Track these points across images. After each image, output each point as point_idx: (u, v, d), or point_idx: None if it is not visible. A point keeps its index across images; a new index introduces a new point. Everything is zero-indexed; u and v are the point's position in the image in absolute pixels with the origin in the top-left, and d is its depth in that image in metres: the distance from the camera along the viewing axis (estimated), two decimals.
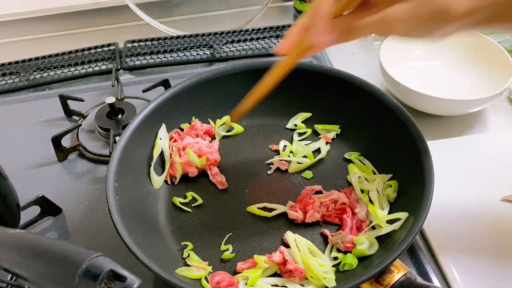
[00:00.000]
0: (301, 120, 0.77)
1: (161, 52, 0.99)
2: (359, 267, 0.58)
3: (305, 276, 0.57)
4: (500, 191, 0.68)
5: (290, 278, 0.57)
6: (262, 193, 0.68)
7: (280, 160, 0.71)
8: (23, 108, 0.88)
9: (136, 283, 0.38)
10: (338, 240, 0.60)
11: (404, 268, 0.54)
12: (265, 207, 0.66)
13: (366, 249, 0.58)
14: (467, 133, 0.79)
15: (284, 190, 0.69)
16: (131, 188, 0.64)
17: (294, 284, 0.57)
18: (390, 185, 0.65)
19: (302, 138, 0.75)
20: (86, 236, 0.67)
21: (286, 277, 0.58)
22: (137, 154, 0.68)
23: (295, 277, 0.57)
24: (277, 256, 0.58)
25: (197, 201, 0.68)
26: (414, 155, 0.62)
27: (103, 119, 0.81)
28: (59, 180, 0.75)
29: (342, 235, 0.60)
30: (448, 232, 0.64)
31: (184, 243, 0.62)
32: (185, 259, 0.60)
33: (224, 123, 0.77)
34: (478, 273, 0.60)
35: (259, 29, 1.02)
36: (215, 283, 0.56)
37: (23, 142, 0.82)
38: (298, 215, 0.64)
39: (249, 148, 0.75)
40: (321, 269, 0.56)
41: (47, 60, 0.98)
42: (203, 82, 0.74)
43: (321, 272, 0.56)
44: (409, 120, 0.65)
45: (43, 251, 0.41)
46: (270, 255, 0.59)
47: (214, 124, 0.76)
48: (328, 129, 0.75)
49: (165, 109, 0.72)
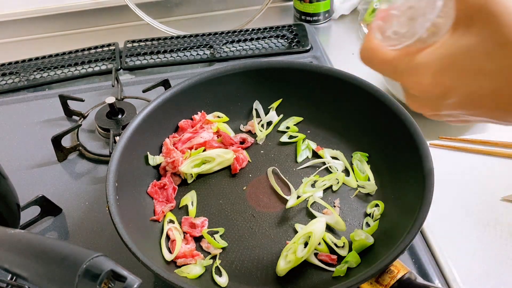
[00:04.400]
0: (294, 123, 0.77)
1: (161, 52, 0.99)
2: (359, 267, 0.58)
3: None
4: (500, 191, 0.68)
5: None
6: (264, 195, 0.69)
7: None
8: (23, 108, 0.88)
9: (136, 283, 0.38)
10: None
11: (404, 268, 0.54)
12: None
13: (365, 239, 0.59)
14: (467, 133, 0.79)
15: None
16: (131, 188, 0.65)
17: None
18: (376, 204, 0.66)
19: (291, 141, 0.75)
20: (86, 236, 0.67)
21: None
22: (137, 154, 0.68)
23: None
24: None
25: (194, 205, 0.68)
26: (414, 155, 0.62)
27: (103, 119, 0.81)
28: (59, 180, 0.75)
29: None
30: (448, 232, 0.64)
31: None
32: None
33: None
34: (478, 273, 0.60)
35: (259, 29, 1.02)
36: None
37: (23, 142, 0.82)
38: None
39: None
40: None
41: (47, 60, 0.98)
42: (203, 82, 0.74)
43: None
44: (409, 120, 0.65)
45: (43, 251, 0.41)
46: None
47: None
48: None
49: (165, 109, 0.72)
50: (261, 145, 0.75)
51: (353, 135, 0.73)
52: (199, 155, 0.71)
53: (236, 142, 0.74)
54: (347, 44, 1.02)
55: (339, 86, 0.73)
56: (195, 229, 0.64)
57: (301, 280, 0.59)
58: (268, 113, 0.78)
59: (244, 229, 0.64)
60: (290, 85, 0.76)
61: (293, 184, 0.69)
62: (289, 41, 0.99)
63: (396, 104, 0.67)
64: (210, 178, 0.71)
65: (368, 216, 0.65)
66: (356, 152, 0.72)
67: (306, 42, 0.97)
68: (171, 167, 0.69)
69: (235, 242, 0.63)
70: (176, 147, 0.71)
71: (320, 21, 1.07)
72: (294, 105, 0.77)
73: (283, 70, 0.76)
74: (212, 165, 0.70)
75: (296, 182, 0.69)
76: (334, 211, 0.65)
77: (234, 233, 0.64)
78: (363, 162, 0.70)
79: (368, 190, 0.67)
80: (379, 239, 0.60)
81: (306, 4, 1.05)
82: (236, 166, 0.71)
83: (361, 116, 0.72)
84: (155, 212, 0.66)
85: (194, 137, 0.72)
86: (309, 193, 0.66)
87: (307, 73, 0.75)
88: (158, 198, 0.67)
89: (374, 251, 0.59)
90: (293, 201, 0.66)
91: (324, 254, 0.60)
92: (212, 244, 0.62)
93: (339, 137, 0.74)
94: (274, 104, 0.78)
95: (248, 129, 0.77)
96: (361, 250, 0.60)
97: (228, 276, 0.59)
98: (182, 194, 0.69)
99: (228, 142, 0.73)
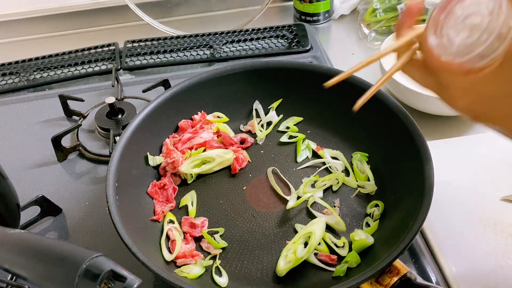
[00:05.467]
0: (294, 123, 0.77)
1: (161, 52, 0.98)
2: (359, 267, 0.58)
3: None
4: (500, 191, 0.68)
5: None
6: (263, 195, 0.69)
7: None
8: (23, 108, 0.88)
9: (136, 283, 0.38)
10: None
11: (404, 268, 0.54)
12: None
13: (365, 239, 0.59)
14: (467, 133, 0.79)
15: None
16: (131, 188, 0.65)
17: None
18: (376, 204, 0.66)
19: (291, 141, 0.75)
20: (86, 236, 0.67)
21: None
22: (137, 154, 0.68)
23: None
24: None
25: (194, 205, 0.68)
26: (414, 155, 0.62)
27: (103, 119, 0.81)
28: (59, 180, 0.75)
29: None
30: (448, 232, 0.64)
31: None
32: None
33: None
34: (478, 273, 0.60)
35: (259, 29, 1.02)
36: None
37: (23, 142, 0.82)
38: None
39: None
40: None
41: (47, 60, 0.98)
42: (203, 82, 0.74)
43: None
44: (409, 120, 0.65)
45: (43, 251, 0.41)
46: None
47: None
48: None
49: (165, 109, 0.72)
50: (261, 145, 0.75)
51: (353, 135, 0.73)
52: (199, 155, 0.71)
53: (236, 142, 0.74)
54: (347, 44, 1.02)
55: (339, 86, 0.73)
56: (195, 229, 0.64)
57: (301, 280, 0.59)
58: (268, 113, 0.78)
59: (244, 229, 0.64)
60: (290, 85, 0.76)
61: (293, 184, 0.69)
62: (289, 41, 0.99)
63: (396, 104, 0.67)
64: (210, 178, 0.71)
65: (368, 216, 0.65)
66: (356, 152, 0.72)
67: (306, 42, 0.97)
68: (171, 167, 0.69)
69: (235, 242, 0.63)
70: (176, 147, 0.71)
71: (320, 21, 1.07)
72: (294, 105, 0.77)
73: (283, 70, 0.76)
74: (212, 165, 0.70)
75: (296, 182, 0.69)
76: (334, 211, 0.65)
77: (234, 233, 0.64)
78: (363, 162, 0.70)
79: (368, 190, 0.67)
80: (379, 239, 0.60)
81: (306, 4, 1.05)
82: (236, 166, 0.71)
83: (361, 116, 0.72)
84: (155, 212, 0.66)
85: (194, 137, 0.72)
86: (309, 193, 0.66)
87: (307, 73, 0.75)
88: (158, 198, 0.67)
89: (374, 251, 0.59)
90: (293, 202, 0.66)
91: (324, 254, 0.60)
92: (212, 244, 0.62)
93: (339, 137, 0.74)
94: (274, 104, 0.78)
95: (248, 129, 0.77)
96: (361, 250, 0.60)
97: (228, 276, 0.59)
98: (182, 194, 0.69)
99: (228, 142, 0.73)
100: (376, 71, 0.84)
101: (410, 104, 0.80)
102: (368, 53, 0.97)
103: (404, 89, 0.78)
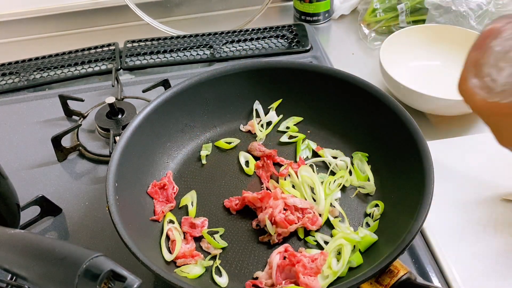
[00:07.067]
0: (294, 123, 0.77)
1: (161, 52, 0.98)
2: (359, 267, 0.58)
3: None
4: (500, 191, 0.68)
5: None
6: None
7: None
8: (23, 108, 0.88)
9: (136, 283, 0.38)
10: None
11: (404, 268, 0.54)
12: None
13: (369, 235, 0.59)
14: (467, 133, 0.79)
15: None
16: (131, 188, 0.65)
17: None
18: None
19: (291, 141, 0.75)
20: (86, 236, 0.67)
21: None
22: (137, 154, 0.68)
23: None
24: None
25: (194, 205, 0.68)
26: (414, 155, 0.62)
27: (103, 119, 0.81)
28: (59, 180, 0.75)
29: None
30: (448, 232, 0.64)
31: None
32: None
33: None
34: (478, 273, 0.60)
35: (259, 29, 1.02)
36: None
37: (23, 142, 0.82)
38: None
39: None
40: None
41: (47, 60, 0.98)
42: (203, 82, 0.74)
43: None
44: (409, 120, 0.65)
45: (43, 251, 0.41)
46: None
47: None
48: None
49: (165, 109, 0.72)
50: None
51: (353, 135, 0.73)
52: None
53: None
54: (347, 44, 1.02)
55: (339, 86, 0.73)
56: (195, 229, 0.64)
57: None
58: (268, 113, 0.78)
59: (244, 229, 0.64)
60: (290, 85, 0.76)
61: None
62: (289, 41, 0.99)
63: (396, 104, 0.67)
64: (210, 178, 0.71)
65: (368, 216, 0.65)
66: (356, 152, 0.72)
67: (306, 42, 0.97)
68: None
69: (235, 242, 0.63)
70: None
71: (320, 21, 1.07)
72: (294, 105, 0.77)
73: (283, 70, 0.76)
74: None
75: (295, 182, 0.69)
76: (344, 212, 0.65)
77: (234, 233, 0.64)
78: (363, 162, 0.70)
79: (368, 190, 0.67)
80: (379, 239, 0.60)
81: (306, 4, 1.05)
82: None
83: (361, 116, 0.72)
84: (155, 212, 0.66)
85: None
86: (330, 195, 0.66)
87: (307, 73, 0.75)
88: (158, 198, 0.67)
89: (374, 251, 0.59)
90: (322, 207, 0.64)
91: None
92: (212, 244, 0.62)
93: (339, 137, 0.74)
94: (274, 104, 0.78)
95: (248, 129, 0.77)
96: (366, 248, 0.60)
97: (228, 276, 0.59)
98: (182, 194, 0.69)
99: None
100: (376, 71, 0.84)
101: (410, 104, 0.80)
102: (368, 53, 0.97)
103: (404, 89, 0.78)
